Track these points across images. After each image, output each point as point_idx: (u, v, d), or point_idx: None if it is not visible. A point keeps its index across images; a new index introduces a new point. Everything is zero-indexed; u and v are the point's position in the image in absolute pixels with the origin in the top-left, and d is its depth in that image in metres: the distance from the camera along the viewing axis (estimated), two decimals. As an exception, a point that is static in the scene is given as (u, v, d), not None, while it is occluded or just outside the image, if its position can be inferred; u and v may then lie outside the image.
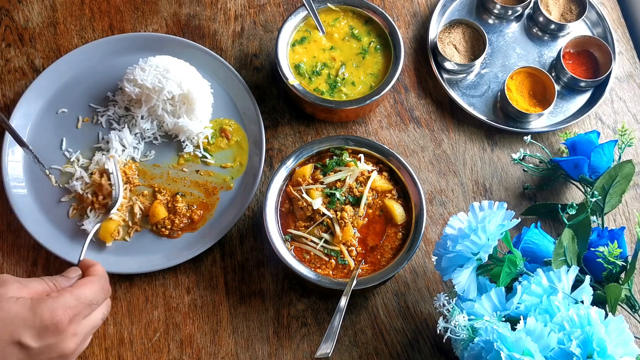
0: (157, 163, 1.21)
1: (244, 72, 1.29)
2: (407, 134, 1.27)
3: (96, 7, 1.33)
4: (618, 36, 1.34)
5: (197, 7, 1.34)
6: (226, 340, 1.12)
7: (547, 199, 1.23)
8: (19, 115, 1.21)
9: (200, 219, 1.18)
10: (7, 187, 1.17)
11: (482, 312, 0.94)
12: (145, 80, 1.18)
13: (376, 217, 1.11)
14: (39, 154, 1.20)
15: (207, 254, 1.17)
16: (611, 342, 0.84)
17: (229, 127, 1.24)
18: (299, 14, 1.24)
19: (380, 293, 1.16)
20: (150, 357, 1.11)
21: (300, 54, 1.24)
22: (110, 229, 1.15)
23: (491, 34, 1.33)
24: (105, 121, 1.23)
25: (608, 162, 1.13)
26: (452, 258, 0.96)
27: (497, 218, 0.95)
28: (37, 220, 1.16)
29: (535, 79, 1.27)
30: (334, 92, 1.22)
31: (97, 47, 1.27)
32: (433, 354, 1.12)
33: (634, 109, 1.30)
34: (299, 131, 1.26)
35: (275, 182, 1.11)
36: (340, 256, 1.08)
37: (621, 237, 1.05)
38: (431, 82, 1.31)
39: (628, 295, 1.00)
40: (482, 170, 1.25)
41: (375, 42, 1.25)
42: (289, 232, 1.10)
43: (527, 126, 1.26)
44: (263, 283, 1.16)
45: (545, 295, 0.92)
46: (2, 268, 1.15)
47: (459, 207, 1.22)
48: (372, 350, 1.12)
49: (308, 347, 1.12)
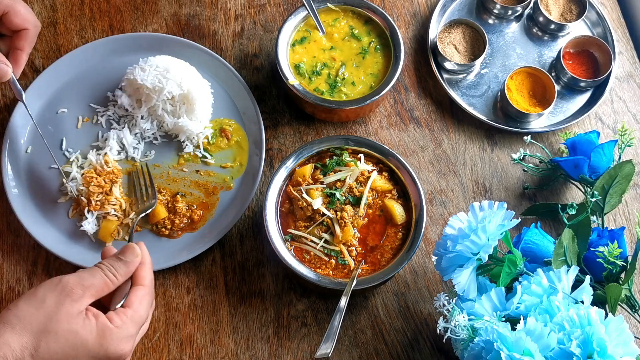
0: (157, 163, 1.21)
1: (244, 72, 1.29)
2: (407, 134, 1.27)
3: (96, 7, 1.33)
4: (618, 36, 1.34)
5: (197, 7, 1.34)
6: (226, 340, 1.13)
7: (547, 199, 1.23)
8: (19, 115, 1.21)
9: (200, 219, 1.18)
10: (7, 187, 1.17)
11: (482, 312, 0.94)
12: (145, 80, 1.18)
13: (376, 217, 1.11)
14: (39, 153, 1.20)
15: (207, 254, 1.17)
16: (611, 342, 0.84)
17: (229, 127, 1.24)
18: (299, 14, 1.24)
19: (380, 293, 1.16)
20: (150, 357, 1.11)
21: (300, 54, 1.24)
22: (110, 229, 1.15)
23: (491, 34, 1.33)
24: (105, 121, 1.23)
25: (608, 162, 1.13)
26: (452, 258, 0.96)
27: (497, 218, 0.95)
28: (37, 220, 1.16)
29: (535, 79, 1.27)
30: (334, 92, 1.22)
31: (97, 47, 1.27)
32: (433, 354, 1.12)
33: (634, 109, 1.30)
34: (299, 131, 1.26)
35: (275, 182, 1.11)
36: (340, 256, 1.08)
37: (621, 237, 1.05)
38: (431, 82, 1.31)
39: (628, 295, 1.00)
40: (482, 170, 1.25)
41: (375, 42, 1.25)
42: (289, 232, 1.10)
43: (527, 126, 1.26)
44: (263, 283, 1.16)
45: (545, 295, 0.92)
46: (2, 268, 1.15)
47: (459, 207, 1.22)
48: (372, 350, 1.12)
49: (308, 347, 1.12)
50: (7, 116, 1.23)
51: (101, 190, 1.15)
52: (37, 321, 0.82)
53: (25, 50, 1.12)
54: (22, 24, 1.11)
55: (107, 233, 1.14)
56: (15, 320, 0.81)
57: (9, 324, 0.81)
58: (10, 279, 1.15)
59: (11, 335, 0.80)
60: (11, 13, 1.10)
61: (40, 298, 0.83)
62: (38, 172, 1.19)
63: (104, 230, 1.14)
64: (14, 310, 0.82)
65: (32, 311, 0.82)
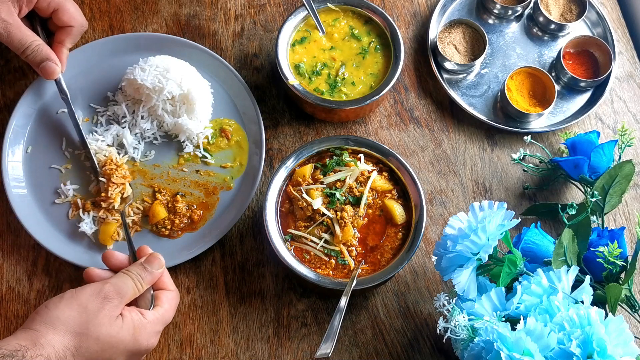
0: (157, 163, 1.21)
1: (244, 72, 1.29)
2: (407, 134, 1.27)
3: (96, 7, 1.33)
4: (618, 36, 1.34)
5: (197, 7, 1.34)
6: (226, 340, 1.12)
7: (547, 199, 1.23)
8: (19, 115, 1.21)
9: (200, 219, 1.18)
10: (7, 187, 1.17)
11: (482, 312, 0.94)
12: (145, 80, 1.18)
13: (376, 217, 1.11)
14: (39, 153, 1.20)
15: (207, 254, 1.17)
16: (611, 342, 0.84)
17: (229, 127, 1.24)
18: (299, 14, 1.24)
19: (380, 293, 1.16)
20: (150, 357, 1.11)
21: (300, 54, 1.24)
22: (109, 231, 1.15)
23: (491, 34, 1.33)
24: (105, 121, 1.23)
25: (608, 162, 1.13)
26: (452, 258, 0.96)
27: (497, 218, 0.95)
28: (37, 220, 1.16)
29: (535, 79, 1.27)
30: (334, 92, 1.22)
31: (97, 47, 1.27)
32: (433, 354, 1.12)
33: (634, 109, 1.30)
34: (299, 131, 1.26)
35: (275, 182, 1.11)
36: (340, 256, 1.08)
37: (621, 237, 1.05)
38: (431, 82, 1.31)
39: (628, 295, 1.00)
40: (482, 170, 1.25)
41: (375, 42, 1.25)
42: (289, 232, 1.10)
43: (527, 126, 1.26)
44: (263, 283, 1.16)
45: (545, 295, 0.92)
46: (2, 268, 1.15)
47: (459, 207, 1.22)
48: (372, 350, 1.12)
49: (308, 347, 1.12)
50: (7, 116, 1.23)
51: (121, 182, 1.16)
52: (80, 325, 0.88)
53: (65, 45, 1.18)
54: (69, 21, 1.17)
55: (107, 236, 1.14)
56: (58, 323, 0.87)
57: (51, 325, 0.87)
58: (10, 279, 1.15)
59: (54, 336, 0.86)
60: (60, 10, 1.16)
61: (83, 304, 0.90)
62: (38, 172, 1.19)
63: (104, 234, 1.14)
64: (54, 311, 0.88)
65: (75, 315, 0.88)
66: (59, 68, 1.17)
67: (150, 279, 0.98)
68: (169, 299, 1.00)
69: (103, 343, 0.89)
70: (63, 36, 1.18)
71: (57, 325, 0.87)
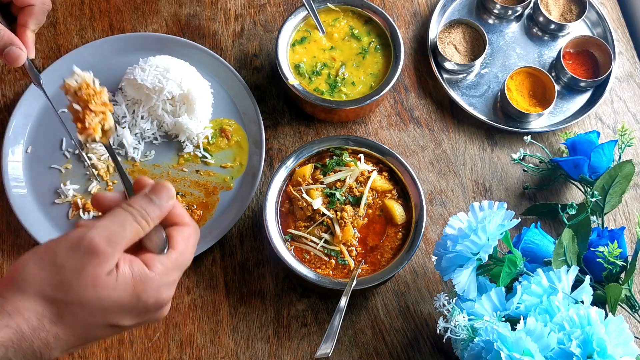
0: (157, 163, 1.22)
1: (244, 72, 1.29)
2: (407, 134, 1.27)
3: (96, 7, 1.33)
4: (618, 36, 1.34)
5: (197, 7, 1.34)
6: (226, 340, 1.13)
7: (547, 199, 1.23)
8: (19, 115, 1.21)
9: (200, 219, 1.18)
10: (7, 187, 1.17)
11: (482, 312, 0.94)
12: (145, 80, 1.18)
13: (376, 217, 1.11)
14: (39, 153, 1.20)
15: (207, 254, 1.17)
16: (611, 342, 0.84)
17: (229, 127, 1.24)
18: (299, 14, 1.24)
19: (380, 293, 1.16)
20: (150, 357, 1.11)
21: (300, 54, 1.24)
22: None
23: (491, 34, 1.33)
24: (105, 121, 1.23)
25: (608, 162, 1.13)
26: (452, 258, 0.96)
27: (497, 218, 0.95)
28: (37, 220, 1.16)
29: (535, 79, 1.27)
30: (334, 92, 1.22)
31: (97, 47, 1.27)
32: (433, 354, 1.12)
33: (634, 109, 1.30)
34: (299, 131, 1.26)
35: (275, 182, 1.11)
36: (340, 256, 1.08)
37: (621, 237, 1.05)
38: (431, 82, 1.31)
39: (628, 295, 1.00)
40: (482, 170, 1.25)
41: (375, 42, 1.25)
42: (289, 232, 1.10)
43: (527, 126, 1.26)
44: (263, 283, 1.16)
45: (545, 295, 0.92)
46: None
47: (459, 207, 1.22)
48: (372, 350, 1.12)
49: (308, 347, 1.12)
50: (7, 116, 1.23)
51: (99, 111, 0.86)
52: (54, 288, 0.68)
53: (29, 27, 1.03)
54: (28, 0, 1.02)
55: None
56: (26, 286, 0.68)
57: (19, 289, 0.68)
58: (10, 279, 1.15)
59: (22, 302, 0.67)
60: None
61: (59, 262, 0.68)
62: (38, 172, 1.19)
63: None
64: (23, 272, 0.68)
65: (47, 276, 0.68)
66: (25, 53, 1.01)
67: (158, 214, 0.74)
68: (185, 238, 0.76)
69: (91, 308, 0.69)
70: (25, 17, 1.03)
71: (26, 288, 0.67)
